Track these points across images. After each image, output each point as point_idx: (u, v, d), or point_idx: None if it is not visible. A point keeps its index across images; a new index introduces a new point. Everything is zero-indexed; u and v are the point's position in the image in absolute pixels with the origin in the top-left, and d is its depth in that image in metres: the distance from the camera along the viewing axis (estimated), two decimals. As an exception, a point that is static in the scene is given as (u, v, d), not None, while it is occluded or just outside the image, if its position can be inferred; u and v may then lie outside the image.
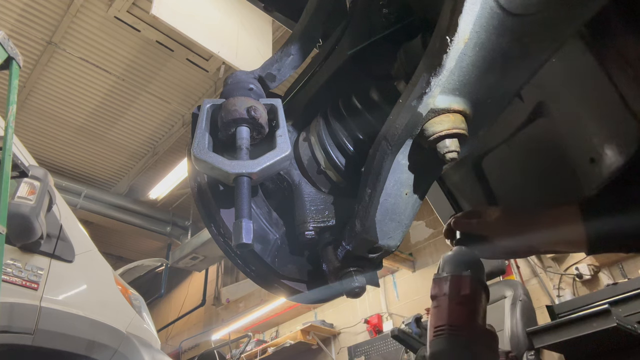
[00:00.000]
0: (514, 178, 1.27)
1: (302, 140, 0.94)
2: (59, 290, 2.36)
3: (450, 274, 0.91)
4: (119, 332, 2.54)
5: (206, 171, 0.78)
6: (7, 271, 2.13)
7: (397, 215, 0.74)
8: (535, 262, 5.16)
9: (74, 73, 6.33)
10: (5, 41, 2.27)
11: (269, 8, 1.32)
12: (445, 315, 0.86)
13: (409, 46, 0.84)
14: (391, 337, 4.23)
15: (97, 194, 8.07)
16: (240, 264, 0.87)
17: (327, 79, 0.94)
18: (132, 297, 2.91)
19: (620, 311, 2.72)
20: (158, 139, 7.56)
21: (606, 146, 1.01)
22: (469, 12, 0.60)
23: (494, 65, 0.64)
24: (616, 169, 0.99)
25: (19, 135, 2.56)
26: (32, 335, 2.13)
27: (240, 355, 7.06)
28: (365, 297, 6.25)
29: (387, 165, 0.70)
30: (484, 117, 0.71)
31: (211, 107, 0.86)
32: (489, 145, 1.25)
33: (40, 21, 5.61)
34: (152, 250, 10.18)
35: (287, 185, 0.92)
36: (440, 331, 0.85)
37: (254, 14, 4.95)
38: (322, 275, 0.85)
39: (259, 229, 0.87)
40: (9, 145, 2.07)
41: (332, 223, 0.86)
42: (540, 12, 0.61)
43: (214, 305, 9.41)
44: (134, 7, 5.43)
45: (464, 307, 0.87)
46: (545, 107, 1.10)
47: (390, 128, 0.69)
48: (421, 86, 0.65)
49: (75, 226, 2.70)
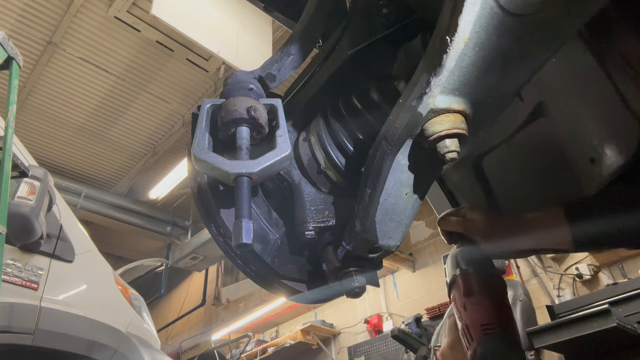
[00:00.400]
0: (514, 178, 1.27)
1: (302, 140, 0.94)
2: (59, 290, 2.36)
3: (478, 271, 0.90)
4: (119, 332, 2.54)
5: (206, 171, 0.78)
6: (7, 271, 2.13)
7: (397, 215, 0.74)
8: (535, 262, 5.16)
9: (74, 73, 6.33)
10: (5, 41, 2.27)
11: (269, 8, 1.32)
12: (492, 312, 0.86)
13: (409, 46, 0.84)
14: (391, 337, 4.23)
15: (97, 194, 8.07)
16: (240, 264, 0.87)
17: (327, 79, 0.94)
18: (132, 297, 2.91)
19: (620, 311, 2.72)
20: (158, 139, 7.56)
21: (606, 146, 1.01)
22: (469, 12, 0.60)
23: (494, 65, 0.64)
24: (616, 169, 0.99)
25: (19, 135, 2.56)
26: (32, 335, 2.13)
27: (240, 355, 7.06)
28: (365, 297, 6.25)
29: (387, 165, 0.70)
30: (484, 117, 0.71)
31: (211, 107, 0.86)
32: (489, 145, 1.26)
33: (40, 21, 5.61)
34: (152, 250, 10.18)
35: (287, 185, 0.92)
36: (491, 329, 0.84)
37: (254, 14, 4.95)
38: (322, 275, 0.85)
39: (259, 229, 0.87)
40: (9, 145, 2.07)
41: (332, 223, 0.86)
42: (540, 12, 0.61)
43: (214, 305, 9.41)
44: (134, 7, 5.43)
45: (505, 305, 0.87)
46: (545, 107, 1.10)
47: (390, 128, 0.69)
48: (421, 86, 0.65)
49: (75, 226, 2.69)
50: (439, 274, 6.26)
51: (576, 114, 1.06)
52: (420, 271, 6.61)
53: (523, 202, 1.25)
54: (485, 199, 1.32)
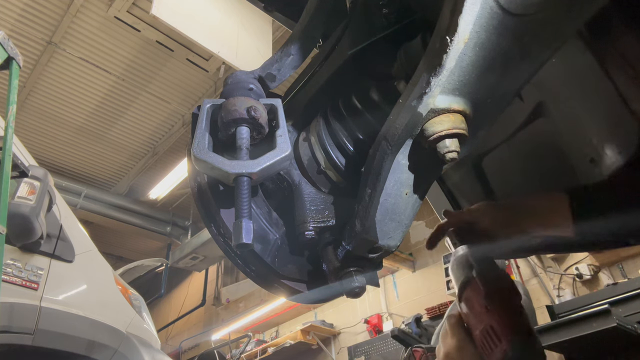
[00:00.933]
0: (514, 178, 1.27)
1: (302, 140, 0.94)
2: (59, 290, 2.36)
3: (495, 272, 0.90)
4: (119, 332, 2.54)
5: (206, 171, 0.78)
6: (7, 271, 2.14)
7: (397, 215, 0.74)
8: (535, 262, 5.16)
9: (74, 73, 6.33)
10: (5, 41, 2.27)
11: (269, 8, 1.32)
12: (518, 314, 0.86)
13: (409, 46, 0.84)
14: (391, 337, 4.24)
15: (97, 194, 8.07)
16: (240, 264, 0.87)
17: (327, 79, 0.94)
18: (132, 297, 2.91)
19: (620, 311, 2.72)
20: (158, 139, 7.56)
21: (606, 146, 1.01)
22: (469, 12, 0.60)
23: (494, 65, 0.64)
24: (616, 169, 0.99)
25: (19, 135, 2.56)
26: (32, 335, 2.14)
27: (240, 355, 7.06)
28: (365, 297, 6.25)
29: (387, 165, 0.70)
30: (484, 117, 0.71)
31: (211, 107, 0.86)
32: (489, 145, 1.26)
33: (40, 21, 5.61)
34: (152, 250, 10.18)
35: (287, 185, 0.92)
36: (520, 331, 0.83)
37: (254, 14, 4.95)
38: (322, 275, 0.85)
39: (259, 229, 0.87)
40: (9, 145, 2.07)
41: (332, 223, 0.86)
42: (540, 12, 0.61)
43: (214, 305, 9.42)
44: (134, 7, 5.43)
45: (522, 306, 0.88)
46: (545, 107, 1.10)
47: (390, 128, 0.69)
48: (421, 86, 0.65)
49: (75, 226, 2.70)
50: (439, 274, 6.25)
51: (576, 114, 1.06)
52: (420, 271, 6.61)
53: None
54: (485, 199, 1.32)
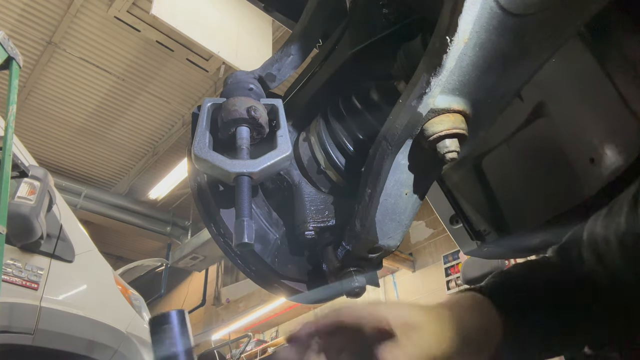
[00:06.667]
0: (514, 178, 1.27)
1: (302, 140, 0.94)
2: (59, 290, 2.36)
3: None
4: (119, 332, 2.54)
5: (207, 170, 0.78)
6: (7, 271, 2.14)
7: (397, 215, 0.74)
8: (535, 262, 5.15)
9: (74, 73, 6.33)
10: (5, 41, 2.27)
11: (269, 8, 1.32)
12: None
13: (409, 46, 0.84)
14: (391, 337, 4.22)
15: (97, 194, 8.07)
16: (240, 264, 0.87)
17: (327, 79, 0.94)
18: (132, 297, 2.91)
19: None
20: (158, 139, 7.56)
21: (606, 146, 1.01)
22: (469, 12, 0.59)
23: (494, 65, 0.64)
24: (616, 169, 0.99)
25: (19, 135, 2.56)
26: (32, 335, 2.14)
27: (240, 355, 7.06)
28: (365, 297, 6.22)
29: (387, 165, 0.70)
30: (484, 117, 0.71)
31: (212, 107, 0.86)
32: (489, 145, 1.26)
33: (40, 21, 5.61)
34: (152, 250, 10.18)
35: (287, 185, 0.92)
36: None
37: (254, 14, 4.95)
38: (322, 275, 0.85)
39: (259, 229, 0.87)
40: (9, 145, 2.07)
41: (332, 223, 0.86)
42: (540, 12, 0.61)
43: (214, 305, 9.42)
44: (134, 7, 5.44)
45: None
46: (545, 107, 1.10)
47: (390, 128, 0.69)
48: (421, 86, 0.65)
49: (75, 226, 2.70)
50: (439, 274, 6.26)
51: (576, 114, 1.06)
52: (420, 271, 6.61)
53: (523, 202, 1.25)
54: (485, 199, 1.32)
